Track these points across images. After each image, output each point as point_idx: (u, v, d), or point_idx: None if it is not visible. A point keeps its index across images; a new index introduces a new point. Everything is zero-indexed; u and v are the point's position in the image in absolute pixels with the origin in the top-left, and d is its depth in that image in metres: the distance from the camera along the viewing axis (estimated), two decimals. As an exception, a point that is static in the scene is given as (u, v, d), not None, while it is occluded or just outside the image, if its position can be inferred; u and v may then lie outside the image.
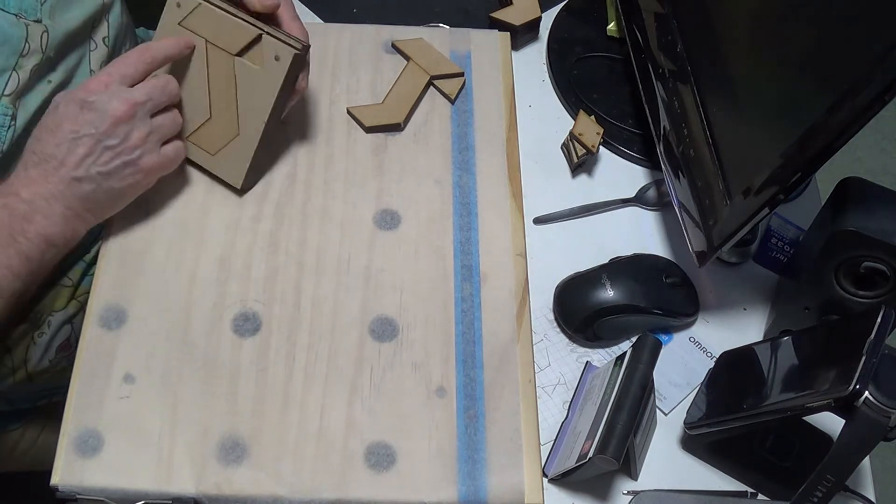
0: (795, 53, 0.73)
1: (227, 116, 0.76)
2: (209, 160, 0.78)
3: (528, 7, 0.99)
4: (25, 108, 0.73)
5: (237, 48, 0.74)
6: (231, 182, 0.78)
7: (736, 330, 0.84)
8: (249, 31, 0.73)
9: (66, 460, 0.65)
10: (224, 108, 0.76)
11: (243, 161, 0.77)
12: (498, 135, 0.85)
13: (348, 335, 0.72)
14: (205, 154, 0.78)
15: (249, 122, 0.76)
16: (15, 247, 0.67)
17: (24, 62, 0.72)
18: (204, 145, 0.78)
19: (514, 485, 0.67)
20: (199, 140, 0.78)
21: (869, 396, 0.63)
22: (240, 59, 0.74)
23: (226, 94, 0.76)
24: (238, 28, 0.73)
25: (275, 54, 0.73)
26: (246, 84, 0.75)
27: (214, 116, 0.77)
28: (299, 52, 0.72)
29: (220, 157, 0.78)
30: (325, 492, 0.66)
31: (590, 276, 0.83)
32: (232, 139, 0.77)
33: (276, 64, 0.73)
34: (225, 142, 0.77)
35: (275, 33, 0.73)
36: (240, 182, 0.78)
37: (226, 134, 0.77)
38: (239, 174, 0.78)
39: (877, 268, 0.72)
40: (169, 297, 0.73)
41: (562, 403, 0.79)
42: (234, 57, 0.74)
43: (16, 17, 0.71)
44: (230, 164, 0.78)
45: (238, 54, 0.74)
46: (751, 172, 0.73)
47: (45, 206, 0.69)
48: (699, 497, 0.73)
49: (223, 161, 0.78)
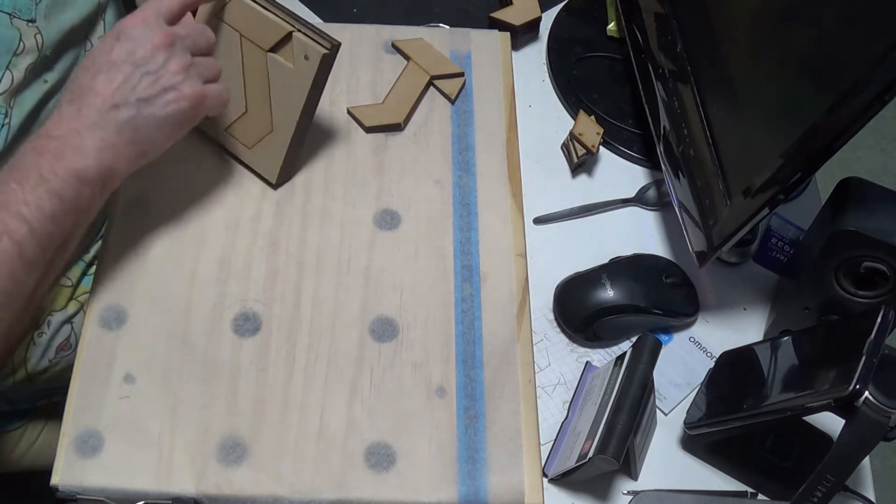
0: (795, 53, 0.73)
1: (261, 111, 0.76)
2: (246, 153, 0.79)
3: (528, 7, 0.99)
4: (20, 106, 0.73)
5: (269, 44, 0.74)
6: (266, 176, 0.79)
7: (736, 330, 0.84)
8: (281, 28, 0.73)
9: (66, 460, 0.65)
10: (259, 103, 0.76)
11: (277, 157, 0.77)
12: (498, 135, 0.85)
13: (348, 335, 0.72)
14: (242, 147, 0.79)
15: (282, 119, 0.76)
16: (44, 186, 0.63)
17: (17, 61, 0.72)
18: (241, 138, 0.78)
19: (514, 485, 0.67)
20: (236, 132, 0.78)
21: (869, 396, 0.63)
22: (272, 55, 0.74)
23: (260, 89, 0.76)
24: (270, 24, 0.73)
25: (304, 53, 0.72)
26: (278, 81, 0.75)
27: (250, 110, 0.77)
28: (328, 52, 0.72)
29: (256, 151, 0.78)
30: (325, 492, 0.66)
31: (590, 276, 0.83)
32: (267, 134, 0.77)
33: (306, 63, 0.72)
34: (260, 136, 0.77)
35: (306, 31, 0.72)
36: (274, 177, 0.78)
37: (261, 128, 0.77)
38: (274, 169, 0.78)
39: (877, 268, 0.72)
40: (169, 297, 0.73)
41: (562, 403, 0.79)
42: (267, 53, 0.74)
43: (10, 16, 0.71)
44: (265, 159, 0.78)
45: (270, 50, 0.74)
46: (751, 172, 0.73)
47: (76, 139, 0.64)
48: (699, 497, 0.73)
49: (259, 155, 0.78)
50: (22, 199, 0.62)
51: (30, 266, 0.63)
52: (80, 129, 0.64)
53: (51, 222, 0.63)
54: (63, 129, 0.64)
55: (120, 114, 0.65)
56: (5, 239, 0.61)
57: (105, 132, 0.65)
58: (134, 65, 0.66)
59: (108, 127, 0.65)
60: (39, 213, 0.62)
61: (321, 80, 0.74)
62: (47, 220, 0.63)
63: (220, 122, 0.78)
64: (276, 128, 0.76)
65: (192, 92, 0.68)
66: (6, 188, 0.63)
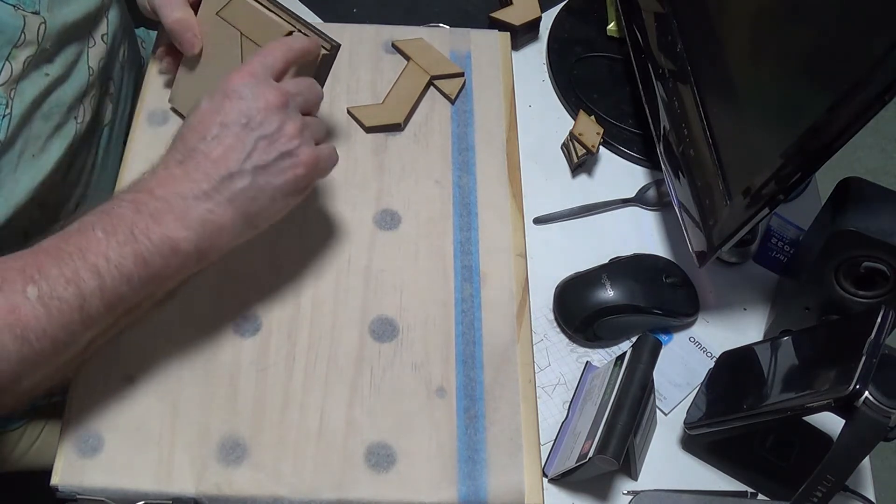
0: (795, 53, 0.73)
1: None
2: None
3: (528, 7, 0.99)
4: (21, 97, 0.73)
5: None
6: None
7: (736, 330, 0.84)
8: (281, 27, 0.73)
9: (66, 460, 0.65)
10: None
11: None
12: (498, 135, 0.85)
13: (348, 335, 0.72)
14: None
15: None
16: (132, 246, 0.58)
17: (17, 53, 0.72)
18: None
19: (514, 485, 0.67)
20: None
21: (869, 396, 0.63)
22: None
23: None
24: (270, 23, 0.73)
25: None
26: None
27: None
28: (328, 52, 0.72)
29: None
30: (325, 492, 0.66)
31: (590, 276, 0.83)
32: None
33: (306, 63, 0.73)
34: None
35: (307, 31, 0.72)
36: None
37: None
38: None
39: (877, 268, 0.72)
40: (169, 297, 0.72)
41: (562, 403, 0.79)
42: None
43: (14, 7, 0.71)
44: None
45: None
46: (751, 172, 0.73)
47: (180, 205, 0.59)
48: (699, 497, 0.73)
49: None
50: (104, 252, 0.57)
51: (89, 322, 0.58)
52: (186, 195, 0.59)
53: (126, 284, 0.58)
54: (168, 190, 0.59)
55: (234, 184, 0.60)
56: (72, 288, 0.56)
57: (215, 204, 0.60)
58: (249, 128, 0.61)
59: (220, 198, 0.60)
60: (118, 272, 0.57)
61: (321, 79, 0.74)
62: (123, 281, 0.58)
63: None
64: None
65: (310, 157, 0.63)
66: (90, 235, 0.58)
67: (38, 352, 0.56)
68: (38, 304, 0.55)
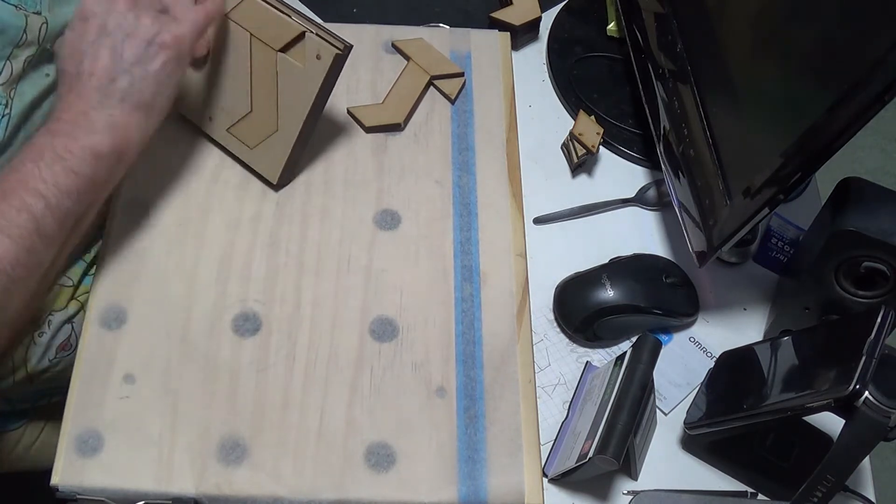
0: (795, 53, 0.73)
1: (267, 111, 0.76)
2: (247, 153, 0.79)
3: (528, 7, 0.99)
4: (21, 97, 0.73)
5: (280, 44, 0.74)
6: (267, 177, 0.79)
7: (736, 330, 0.84)
8: (293, 28, 0.73)
9: (66, 460, 0.65)
10: (265, 103, 0.76)
11: (280, 157, 0.77)
12: (498, 135, 0.85)
13: (348, 335, 0.72)
14: (243, 147, 0.79)
15: (288, 119, 0.76)
16: (61, 163, 0.65)
17: (18, 52, 0.72)
18: (243, 138, 0.78)
19: (514, 485, 0.67)
20: (239, 133, 0.78)
21: (869, 396, 0.63)
22: (282, 54, 0.74)
23: (267, 89, 0.76)
24: (282, 23, 0.73)
25: (317, 53, 0.72)
26: (287, 80, 0.75)
27: (255, 110, 0.77)
28: (340, 52, 0.72)
29: (259, 151, 0.78)
30: (325, 492, 0.66)
31: (590, 276, 0.83)
32: (271, 134, 0.77)
33: (317, 63, 0.73)
34: (264, 136, 0.77)
35: (318, 31, 0.72)
36: (276, 178, 0.78)
37: (265, 128, 0.77)
38: (276, 170, 0.78)
39: (877, 268, 0.72)
40: (169, 297, 0.73)
41: (562, 403, 0.79)
42: (277, 52, 0.74)
43: (15, 7, 0.71)
44: (268, 159, 0.78)
45: (281, 50, 0.74)
46: (751, 172, 0.73)
47: (84, 120, 0.67)
48: (699, 497, 0.73)
49: (261, 155, 0.78)
50: (39, 176, 0.64)
51: (48, 241, 0.65)
52: (86, 110, 0.67)
53: (68, 198, 0.65)
54: (72, 113, 0.67)
55: (119, 85, 0.67)
56: (25, 214, 0.63)
57: (111, 107, 0.67)
58: (110, 35, 0.68)
59: (113, 100, 0.67)
60: (56, 189, 0.64)
61: (331, 80, 0.74)
62: (64, 196, 0.65)
63: (222, 121, 0.78)
64: (282, 128, 0.76)
65: (171, 37, 0.69)
66: (22, 167, 0.65)
67: (16, 280, 0.63)
68: (3, 238, 0.62)
